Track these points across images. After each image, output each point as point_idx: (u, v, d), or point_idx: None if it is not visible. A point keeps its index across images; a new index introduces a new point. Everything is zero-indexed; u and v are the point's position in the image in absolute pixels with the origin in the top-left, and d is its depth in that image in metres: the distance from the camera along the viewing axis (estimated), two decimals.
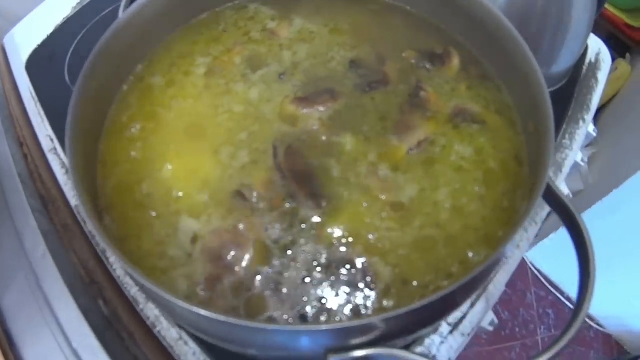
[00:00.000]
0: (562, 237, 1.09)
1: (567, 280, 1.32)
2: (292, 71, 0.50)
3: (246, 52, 0.51)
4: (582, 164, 0.71)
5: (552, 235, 1.14)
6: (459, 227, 0.41)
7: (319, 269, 0.38)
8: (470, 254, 0.39)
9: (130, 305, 0.51)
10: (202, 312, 0.31)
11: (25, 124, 0.64)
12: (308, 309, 0.37)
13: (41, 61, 0.69)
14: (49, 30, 0.71)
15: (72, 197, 0.57)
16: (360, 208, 0.41)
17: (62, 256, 0.53)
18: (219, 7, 0.54)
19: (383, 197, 0.42)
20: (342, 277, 0.38)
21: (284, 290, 0.37)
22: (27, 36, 0.71)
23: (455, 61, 0.50)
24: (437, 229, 0.41)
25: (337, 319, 0.36)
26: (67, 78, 0.66)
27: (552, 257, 1.23)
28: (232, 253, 0.38)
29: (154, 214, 0.41)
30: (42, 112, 0.64)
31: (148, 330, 0.50)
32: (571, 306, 1.27)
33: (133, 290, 0.51)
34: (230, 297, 0.37)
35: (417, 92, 0.48)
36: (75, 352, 0.49)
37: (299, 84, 0.49)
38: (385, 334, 0.32)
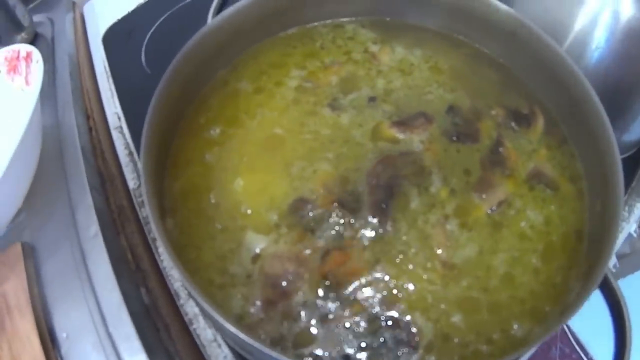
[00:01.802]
0: (596, 298, 1.08)
1: (594, 342, 1.31)
2: (384, 97, 0.52)
3: (343, 73, 0.53)
4: (635, 234, 0.70)
5: None
6: (507, 296, 0.42)
7: (364, 315, 0.40)
8: (515, 325, 0.41)
9: (171, 298, 0.53)
10: (249, 340, 0.33)
11: (94, 97, 0.67)
12: (351, 351, 0.38)
13: (119, 36, 0.71)
14: (131, 6, 0.74)
15: (131, 180, 0.60)
16: (410, 251, 0.43)
17: (112, 238, 0.56)
18: (309, 24, 0.56)
19: (439, 252, 0.43)
20: (385, 325, 0.40)
21: (331, 329, 0.39)
22: (108, 8, 0.74)
23: (540, 123, 0.51)
24: (484, 293, 0.42)
25: None
26: (143, 59, 0.69)
27: (583, 316, 1.22)
28: (291, 282, 0.40)
29: (219, 226, 0.43)
30: (114, 88, 0.66)
31: (184, 326, 0.52)
32: None
33: (177, 284, 0.53)
34: (280, 323, 0.39)
35: (497, 148, 0.49)
36: (109, 335, 0.51)
37: (390, 111, 0.51)
38: None
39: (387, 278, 0.41)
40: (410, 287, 0.41)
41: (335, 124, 0.49)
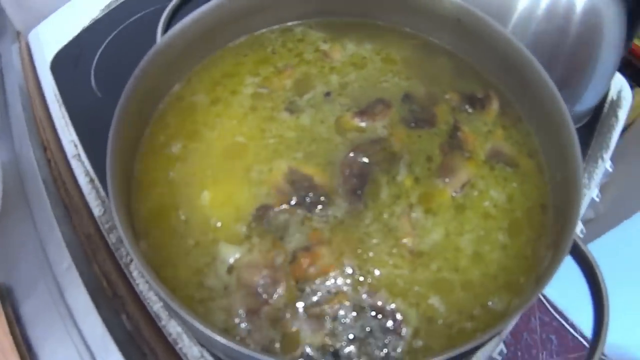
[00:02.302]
0: (569, 265, 1.12)
1: (572, 307, 1.36)
2: (340, 91, 0.54)
3: (297, 74, 0.54)
4: (597, 199, 0.74)
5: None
6: (479, 273, 0.44)
7: (346, 304, 0.41)
8: (493, 300, 0.43)
9: (152, 321, 0.53)
10: (241, 349, 0.34)
11: (49, 127, 0.66)
12: (339, 346, 0.39)
13: (67, 62, 0.70)
14: (76, 31, 0.73)
15: (96, 207, 0.59)
16: (379, 242, 0.44)
17: (85, 268, 0.56)
18: (258, 31, 0.57)
19: (405, 241, 0.44)
20: (371, 315, 0.41)
21: (317, 327, 0.40)
22: (53, 35, 0.73)
23: (495, 106, 0.53)
24: (456, 273, 0.44)
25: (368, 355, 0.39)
26: (93, 82, 0.68)
27: (558, 283, 1.27)
28: (268, 287, 0.41)
29: (192, 242, 0.44)
30: (67, 116, 0.65)
31: (170, 347, 0.52)
32: (574, 333, 1.31)
33: (156, 306, 0.54)
34: (267, 329, 0.40)
35: (455, 133, 0.51)
36: None
37: (348, 103, 0.52)
38: None
39: (358, 269, 0.43)
40: (382, 274, 0.43)
41: (298, 126, 0.50)
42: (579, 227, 0.71)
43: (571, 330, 1.33)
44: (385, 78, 0.55)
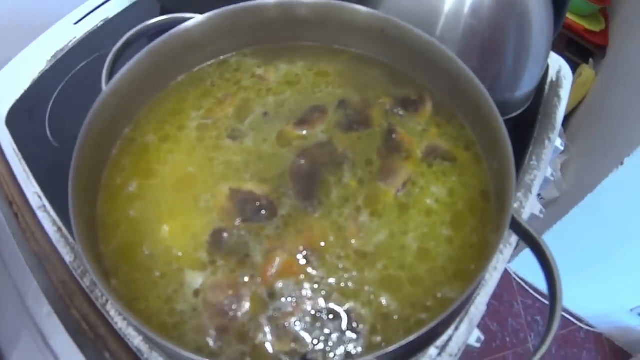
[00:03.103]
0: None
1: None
2: (277, 109, 0.59)
3: (237, 101, 0.59)
4: (552, 178, 0.79)
5: None
6: (425, 268, 0.48)
7: (306, 310, 0.46)
8: (443, 290, 0.47)
9: (134, 356, 0.57)
10: None
11: (11, 182, 0.69)
12: (305, 350, 0.44)
13: (21, 116, 0.74)
14: (26, 84, 0.76)
15: (66, 254, 0.63)
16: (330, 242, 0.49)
17: (65, 313, 0.59)
18: (195, 68, 0.62)
19: (352, 242, 0.49)
20: (326, 319, 0.45)
21: (282, 336, 0.44)
22: (4, 90, 0.76)
23: (429, 106, 0.58)
24: (402, 270, 0.48)
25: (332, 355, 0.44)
26: (48, 133, 0.72)
27: (534, 265, 1.32)
28: (232, 305, 0.45)
29: (158, 273, 0.48)
30: (27, 169, 0.69)
31: None
32: None
33: (136, 341, 0.57)
34: (237, 344, 0.44)
35: (391, 135, 0.56)
36: None
37: (286, 117, 0.58)
38: None
39: (314, 272, 0.47)
40: (334, 277, 0.47)
41: (243, 150, 0.55)
42: (538, 208, 0.76)
43: None
44: (319, 89, 0.61)
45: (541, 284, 1.47)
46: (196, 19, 0.58)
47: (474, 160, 0.55)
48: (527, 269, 1.43)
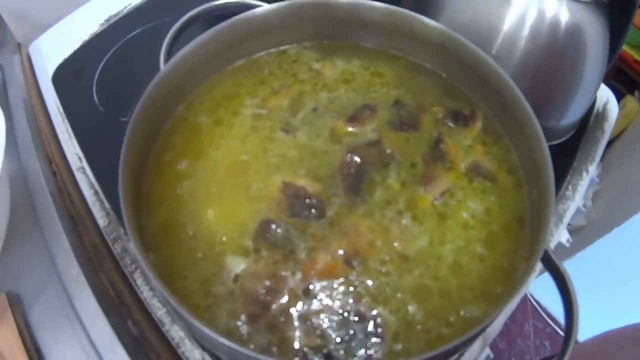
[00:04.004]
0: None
1: None
2: (328, 105, 0.62)
3: (292, 94, 0.62)
4: (583, 209, 0.82)
5: None
6: (456, 283, 0.51)
7: (338, 312, 0.49)
8: (469, 308, 0.50)
9: (156, 326, 0.60)
10: (242, 350, 0.41)
11: (53, 140, 0.73)
12: (332, 348, 0.47)
13: (68, 75, 0.77)
14: (76, 44, 0.80)
15: (100, 219, 0.66)
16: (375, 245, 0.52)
17: (93, 276, 0.63)
18: (255, 55, 0.65)
19: (396, 244, 0.53)
20: (354, 320, 0.49)
21: (310, 332, 0.48)
22: (54, 48, 0.80)
23: (479, 123, 0.61)
24: (435, 281, 0.51)
25: (355, 359, 0.47)
26: (95, 97, 0.75)
27: (551, 289, 1.35)
28: (268, 296, 0.49)
29: (199, 254, 0.51)
30: (70, 129, 0.72)
31: (173, 351, 0.59)
32: None
33: (159, 312, 0.61)
34: (265, 334, 0.47)
35: (438, 144, 0.59)
36: None
37: (338, 113, 0.61)
38: None
39: (352, 276, 0.50)
40: (371, 279, 0.50)
41: (297, 144, 0.58)
42: (565, 237, 0.78)
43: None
44: (374, 89, 0.64)
45: (555, 309, 1.49)
46: (263, 7, 0.61)
47: (514, 185, 0.58)
48: (544, 292, 1.46)
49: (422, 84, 0.65)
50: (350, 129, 0.59)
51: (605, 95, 0.84)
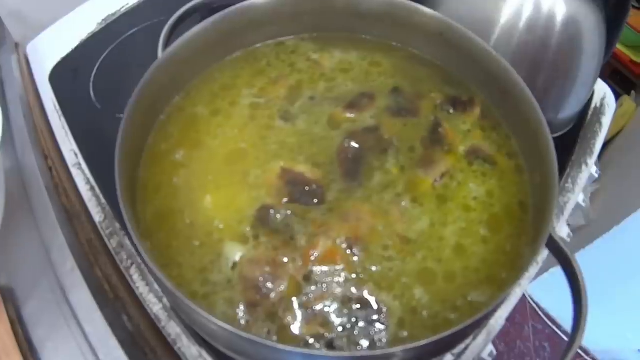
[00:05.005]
0: (561, 272, 1.19)
1: (565, 315, 1.43)
2: (325, 94, 0.60)
3: (290, 83, 0.61)
4: (583, 204, 0.80)
5: (552, 270, 1.23)
6: (460, 265, 0.49)
7: (340, 299, 0.47)
8: (475, 292, 0.48)
9: (152, 322, 0.58)
10: (246, 335, 0.39)
11: (49, 137, 0.72)
12: (334, 337, 0.45)
13: (66, 74, 0.76)
14: (74, 44, 0.79)
15: (96, 214, 0.65)
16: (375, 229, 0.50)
17: (88, 270, 0.61)
18: (252, 46, 0.64)
19: (397, 227, 0.51)
20: (358, 308, 0.46)
21: (312, 319, 0.46)
22: (51, 47, 0.79)
23: (477, 110, 0.60)
24: (439, 264, 0.49)
25: (359, 347, 0.45)
26: (92, 94, 0.74)
27: (550, 291, 1.34)
28: (268, 283, 0.46)
29: (197, 243, 0.49)
30: (66, 126, 0.71)
31: (169, 347, 0.57)
32: (567, 340, 1.38)
33: (155, 308, 0.59)
34: (265, 322, 0.45)
35: (436, 128, 0.58)
36: None
37: (336, 100, 0.60)
38: None
39: (354, 261, 0.48)
40: (374, 265, 0.48)
41: (296, 132, 0.57)
42: (565, 231, 0.77)
43: (564, 337, 1.40)
44: (372, 78, 0.63)
45: (554, 310, 1.48)
46: None
47: (515, 170, 0.56)
48: (543, 294, 1.44)
49: (420, 74, 0.63)
50: (348, 115, 0.58)
51: (602, 90, 0.83)
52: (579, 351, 1.38)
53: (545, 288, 1.37)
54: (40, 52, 0.78)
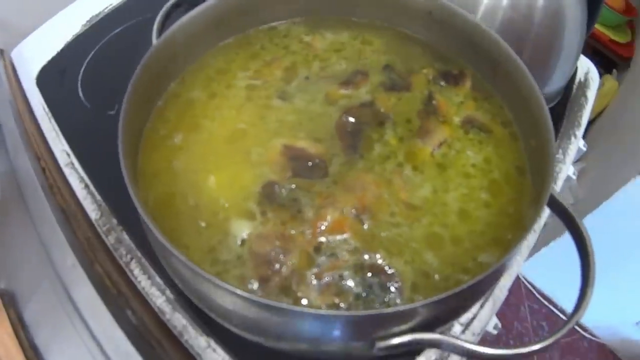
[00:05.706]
0: (553, 251, 1.21)
1: (560, 293, 1.44)
2: (320, 73, 0.61)
3: (285, 64, 0.61)
4: (574, 177, 0.81)
5: (544, 250, 1.25)
6: (466, 229, 0.49)
7: (352, 267, 0.46)
8: (483, 254, 0.48)
9: (156, 316, 0.57)
10: (265, 301, 0.38)
11: (40, 140, 0.70)
12: (346, 305, 0.44)
13: (53, 76, 0.75)
14: (59, 46, 0.78)
15: (92, 212, 0.63)
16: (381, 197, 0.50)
17: (88, 267, 0.60)
18: (245, 32, 0.64)
19: (401, 195, 0.51)
20: (371, 275, 0.46)
21: (325, 289, 0.45)
22: (36, 51, 0.77)
23: (468, 83, 0.60)
24: (445, 228, 0.49)
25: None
26: (80, 93, 0.73)
27: (544, 270, 1.35)
28: (279, 256, 0.46)
29: (203, 224, 0.48)
30: (57, 127, 0.70)
31: (176, 340, 0.56)
32: (564, 318, 1.39)
33: (159, 301, 0.57)
34: (278, 296, 0.44)
35: (430, 100, 0.59)
36: (108, 358, 0.55)
37: (332, 79, 0.60)
38: (422, 321, 0.41)
39: (363, 229, 0.48)
40: (382, 231, 0.48)
41: (295, 110, 0.57)
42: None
43: (561, 315, 1.41)
44: (364, 56, 0.63)
45: (549, 289, 1.48)
46: None
47: (510, 137, 0.57)
48: (537, 273, 1.45)
49: (411, 51, 0.64)
50: (344, 91, 0.58)
51: (586, 65, 0.85)
52: (577, 328, 1.38)
53: (538, 268, 1.37)
54: (25, 57, 0.77)
